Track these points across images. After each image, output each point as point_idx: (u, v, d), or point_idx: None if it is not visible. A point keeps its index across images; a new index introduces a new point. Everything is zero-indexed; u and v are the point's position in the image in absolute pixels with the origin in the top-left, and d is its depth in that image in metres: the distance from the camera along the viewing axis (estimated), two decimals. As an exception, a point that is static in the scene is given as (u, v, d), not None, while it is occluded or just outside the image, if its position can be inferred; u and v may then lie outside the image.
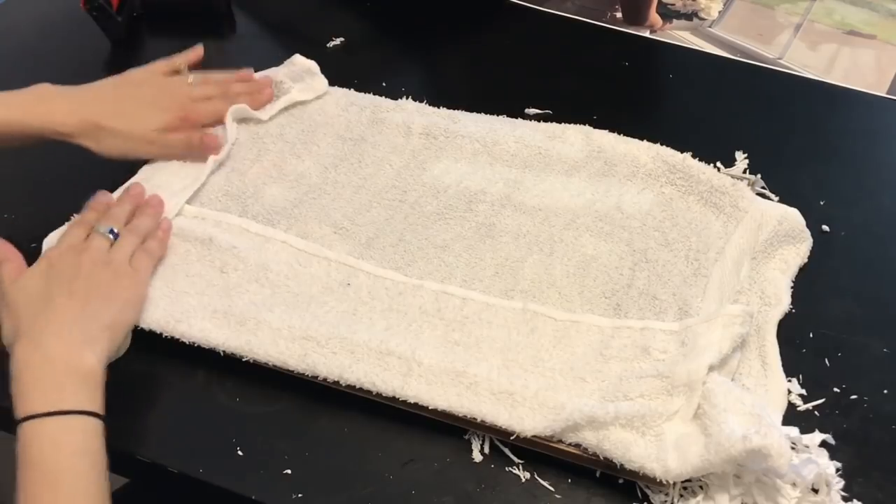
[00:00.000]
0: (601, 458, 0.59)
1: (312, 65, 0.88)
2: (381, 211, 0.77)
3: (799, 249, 0.73)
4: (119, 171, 0.80)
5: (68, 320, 0.61)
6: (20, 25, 1.06)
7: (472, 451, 0.63)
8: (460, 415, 0.62)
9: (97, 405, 0.59)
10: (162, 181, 0.78)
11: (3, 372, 0.69)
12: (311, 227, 0.76)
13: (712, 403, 0.58)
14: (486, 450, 0.63)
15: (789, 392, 0.65)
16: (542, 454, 0.61)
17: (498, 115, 0.85)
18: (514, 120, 0.85)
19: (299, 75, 0.88)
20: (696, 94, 0.94)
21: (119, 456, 0.64)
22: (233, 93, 0.84)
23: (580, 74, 0.96)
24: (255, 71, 0.90)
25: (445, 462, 0.62)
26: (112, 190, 0.78)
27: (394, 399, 0.63)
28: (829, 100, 0.93)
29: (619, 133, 0.82)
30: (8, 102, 0.74)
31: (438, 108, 0.86)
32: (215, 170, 0.80)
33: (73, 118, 0.75)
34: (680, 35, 1.18)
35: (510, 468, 0.62)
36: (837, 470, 0.60)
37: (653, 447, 0.58)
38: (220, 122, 0.82)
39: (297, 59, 0.89)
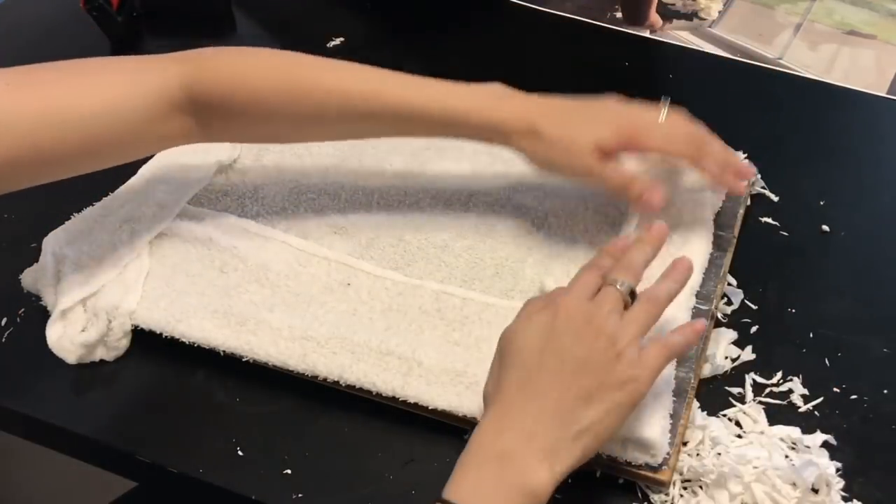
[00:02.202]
0: (603, 457, 0.59)
1: None
2: (381, 211, 0.77)
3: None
4: (119, 171, 0.80)
5: (547, 413, 0.52)
6: (20, 25, 1.06)
7: (472, 451, 0.63)
8: (460, 415, 0.62)
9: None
10: (162, 181, 0.78)
11: (3, 370, 0.69)
12: (311, 227, 0.76)
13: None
14: (487, 450, 0.63)
15: (791, 392, 0.65)
16: (543, 454, 0.61)
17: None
18: None
19: None
20: (696, 94, 0.94)
21: (119, 456, 0.64)
22: (705, 147, 0.70)
23: (580, 74, 0.96)
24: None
25: (445, 462, 0.62)
26: (112, 190, 0.78)
27: (394, 399, 0.63)
28: (829, 100, 0.93)
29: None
30: (461, 94, 0.70)
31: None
32: (217, 172, 0.80)
33: (515, 117, 0.68)
34: (680, 35, 1.18)
35: (510, 468, 0.61)
36: (837, 470, 0.60)
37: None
38: (675, 154, 0.70)
39: None
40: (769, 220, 0.78)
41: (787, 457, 0.60)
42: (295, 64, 0.70)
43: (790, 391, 0.65)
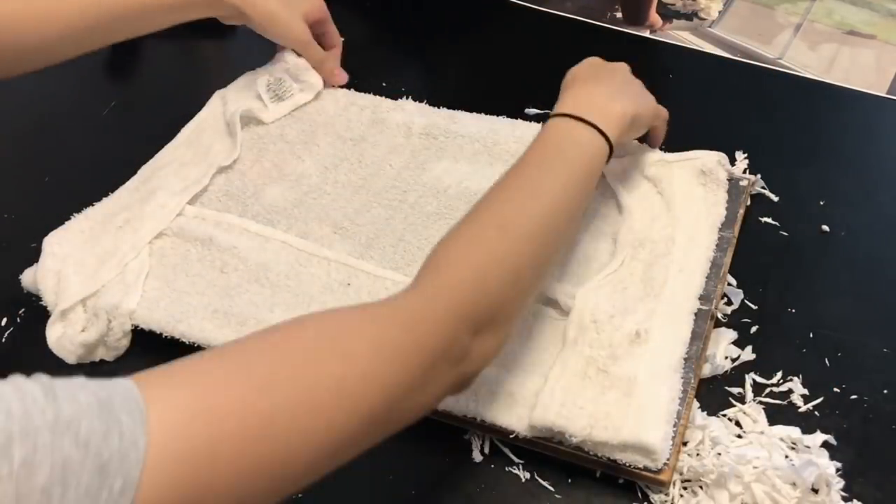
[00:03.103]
0: (602, 458, 0.59)
1: (303, 61, 0.88)
2: (381, 211, 0.77)
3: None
4: (119, 171, 0.80)
5: (610, 86, 0.69)
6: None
7: (472, 451, 0.63)
8: (460, 415, 0.62)
9: (614, 138, 0.65)
10: (163, 181, 0.78)
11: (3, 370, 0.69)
12: (312, 227, 0.76)
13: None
14: (486, 450, 0.63)
15: (791, 392, 0.65)
16: (542, 454, 0.61)
17: (498, 116, 0.85)
18: (514, 120, 0.85)
19: (296, 74, 0.88)
20: (696, 94, 0.94)
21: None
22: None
23: (580, 74, 0.96)
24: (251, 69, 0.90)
25: (445, 462, 0.62)
26: (112, 190, 0.79)
27: (394, 399, 0.63)
28: (829, 100, 0.93)
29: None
30: None
31: (438, 108, 0.86)
32: (216, 173, 0.80)
33: None
34: (680, 35, 1.18)
35: (510, 468, 0.62)
36: (837, 470, 0.60)
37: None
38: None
39: (289, 56, 0.88)
40: (769, 220, 0.78)
41: (787, 457, 0.60)
42: None
43: (790, 391, 0.65)
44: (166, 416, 0.39)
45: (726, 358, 0.67)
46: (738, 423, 0.63)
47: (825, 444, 0.61)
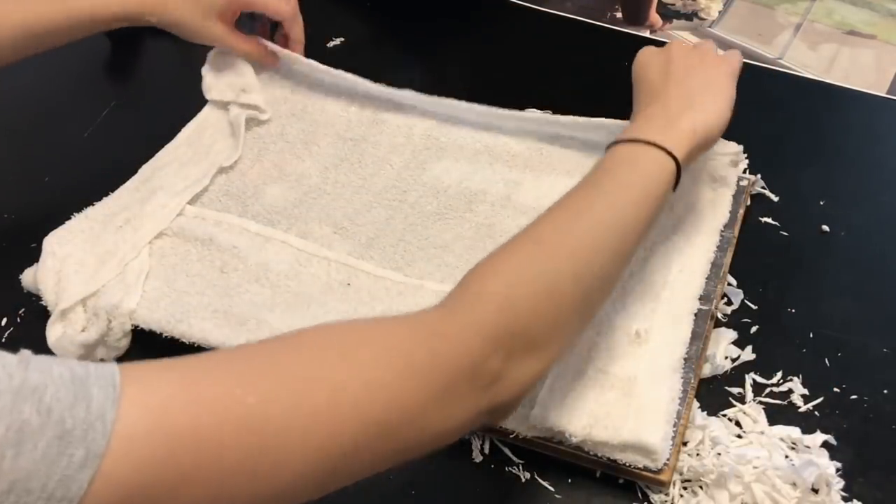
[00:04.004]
0: (602, 458, 0.59)
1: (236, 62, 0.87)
2: (381, 211, 0.77)
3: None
4: (119, 170, 0.80)
5: (677, 97, 0.65)
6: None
7: (472, 451, 0.63)
8: (460, 415, 0.62)
9: (682, 156, 0.61)
10: (163, 181, 0.78)
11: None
12: (312, 227, 0.76)
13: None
14: (486, 450, 0.63)
15: (791, 392, 0.65)
16: (542, 454, 0.61)
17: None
18: (516, 113, 0.84)
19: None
20: (696, 94, 0.94)
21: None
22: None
23: (580, 74, 0.96)
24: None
25: (445, 462, 0.62)
26: (112, 190, 0.79)
27: (394, 399, 0.63)
28: (829, 100, 0.93)
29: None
30: None
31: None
32: (217, 173, 0.80)
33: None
34: (680, 35, 1.18)
35: (510, 468, 0.62)
36: (837, 470, 0.60)
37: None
38: (273, 10, 0.86)
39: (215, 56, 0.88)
40: (769, 220, 0.78)
41: (787, 457, 0.60)
42: None
43: (790, 391, 0.65)
44: (142, 397, 0.38)
45: (726, 358, 0.67)
46: (738, 423, 0.63)
47: (825, 444, 0.61)
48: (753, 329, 0.69)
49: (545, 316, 0.51)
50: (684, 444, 0.61)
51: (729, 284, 0.72)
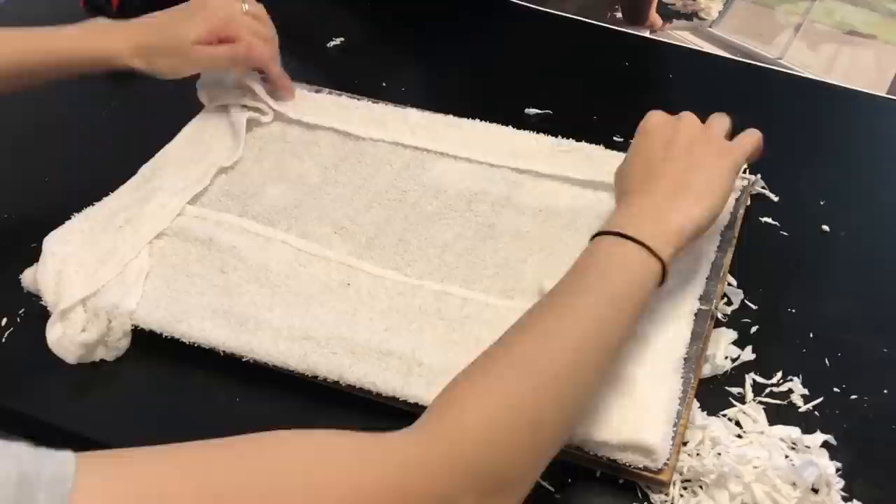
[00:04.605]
0: (602, 458, 0.59)
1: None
2: (381, 211, 0.77)
3: None
4: (119, 171, 0.80)
5: (669, 187, 0.62)
6: (21, 26, 1.06)
7: (472, 451, 0.63)
8: (460, 415, 0.62)
9: (668, 254, 0.59)
10: (163, 181, 0.78)
11: (3, 370, 0.69)
12: (312, 227, 0.76)
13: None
14: (487, 450, 0.63)
15: (791, 392, 0.65)
16: (543, 454, 0.61)
17: (498, 117, 0.85)
18: (516, 131, 0.84)
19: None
20: (696, 94, 0.94)
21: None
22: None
23: (580, 74, 0.96)
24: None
25: (445, 462, 0.62)
26: (112, 190, 0.79)
27: (394, 399, 0.63)
28: (829, 100, 0.93)
29: (619, 134, 0.83)
30: (67, 34, 0.78)
31: (439, 111, 0.86)
32: (217, 173, 0.80)
33: (123, 42, 0.78)
34: (680, 35, 1.18)
35: (510, 468, 0.61)
36: (837, 470, 0.60)
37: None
38: (254, 50, 0.82)
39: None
40: (769, 220, 0.78)
41: (787, 457, 0.59)
42: None
43: (790, 391, 0.65)
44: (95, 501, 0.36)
45: (726, 358, 0.67)
46: (738, 423, 0.63)
47: (825, 444, 0.61)
48: (753, 329, 0.69)
49: (525, 453, 0.49)
50: (684, 444, 0.61)
51: (729, 284, 0.72)
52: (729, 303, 0.71)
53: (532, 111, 0.89)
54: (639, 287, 0.57)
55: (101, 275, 0.70)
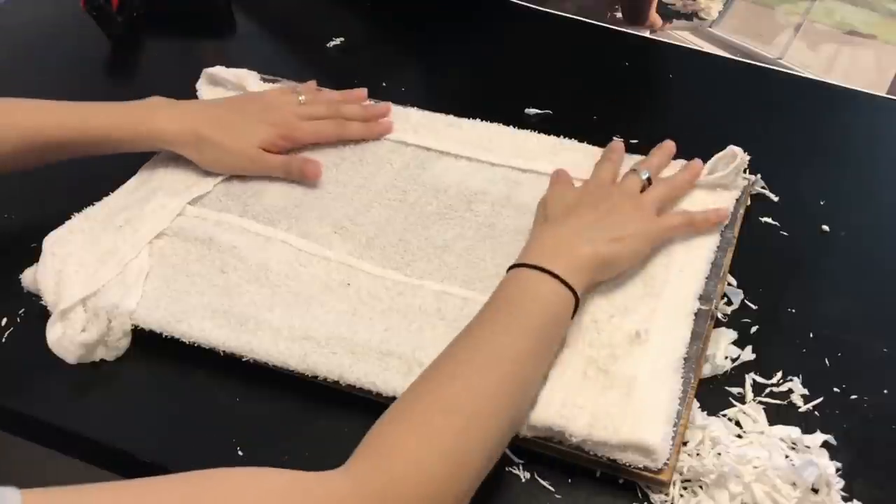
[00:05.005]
0: (602, 458, 0.59)
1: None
2: (381, 211, 0.77)
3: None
4: (119, 171, 0.80)
5: (584, 223, 0.66)
6: (21, 26, 1.06)
7: (472, 451, 0.62)
8: (460, 415, 0.61)
9: (580, 287, 0.62)
10: (163, 182, 0.78)
11: (3, 370, 0.69)
12: (312, 227, 0.76)
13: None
14: (487, 450, 0.63)
15: (791, 392, 0.65)
16: (542, 454, 0.61)
17: (498, 117, 0.85)
18: (515, 130, 0.84)
19: None
20: (696, 94, 0.94)
21: (119, 456, 0.64)
22: (344, 114, 0.83)
23: (580, 74, 0.96)
24: (262, 71, 0.89)
25: (445, 462, 0.62)
26: (112, 190, 0.79)
27: (394, 399, 0.63)
28: (829, 100, 0.93)
29: (619, 134, 0.83)
30: (119, 111, 0.76)
31: (439, 111, 0.86)
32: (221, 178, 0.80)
33: (175, 126, 0.76)
34: (680, 35, 1.18)
35: (510, 468, 0.62)
36: (837, 470, 0.60)
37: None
38: (325, 141, 0.82)
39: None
40: (769, 220, 0.78)
41: (787, 457, 0.59)
42: None
43: (790, 391, 0.65)
44: None
45: (726, 358, 0.67)
46: (738, 423, 0.63)
47: (825, 444, 0.61)
48: (753, 329, 0.69)
49: (453, 489, 0.51)
50: (684, 444, 0.61)
51: (729, 284, 0.72)
52: (729, 303, 0.71)
53: (532, 111, 0.89)
54: (552, 317, 0.60)
55: (101, 275, 0.70)
